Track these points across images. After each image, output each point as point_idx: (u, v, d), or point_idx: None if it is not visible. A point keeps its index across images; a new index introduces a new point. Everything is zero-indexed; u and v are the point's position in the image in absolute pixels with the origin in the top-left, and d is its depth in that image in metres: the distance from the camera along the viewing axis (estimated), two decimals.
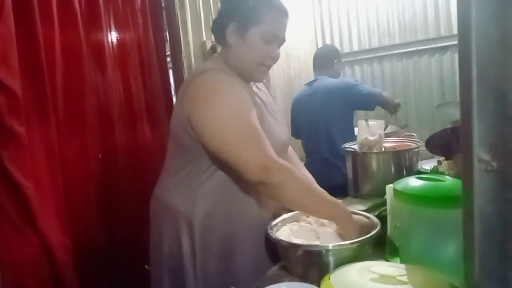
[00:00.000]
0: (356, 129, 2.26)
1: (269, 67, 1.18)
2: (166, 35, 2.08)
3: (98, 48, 1.67)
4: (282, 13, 1.14)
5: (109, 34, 1.72)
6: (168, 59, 2.13)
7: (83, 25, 1.58)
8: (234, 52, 1.14)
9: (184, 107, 1.09)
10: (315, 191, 1.06)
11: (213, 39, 1.25)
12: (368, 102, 2.30)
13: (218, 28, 1.16)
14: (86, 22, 1.60)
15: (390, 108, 2.32)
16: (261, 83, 1.32)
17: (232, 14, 1.13)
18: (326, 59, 2.53)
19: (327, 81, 2.40)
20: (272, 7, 1.12)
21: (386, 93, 2.35)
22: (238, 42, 1.12)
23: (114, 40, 1.76)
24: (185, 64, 2.12)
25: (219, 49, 1.27)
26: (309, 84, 2.50)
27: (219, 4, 1.38)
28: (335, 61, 2.53)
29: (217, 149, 1.05)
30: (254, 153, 1.01)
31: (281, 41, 1.16)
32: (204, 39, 2.22)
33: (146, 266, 1.61)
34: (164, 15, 2.06)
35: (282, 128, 1.24)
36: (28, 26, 1.35)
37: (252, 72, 1.15)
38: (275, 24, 1.12)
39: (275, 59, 1.17)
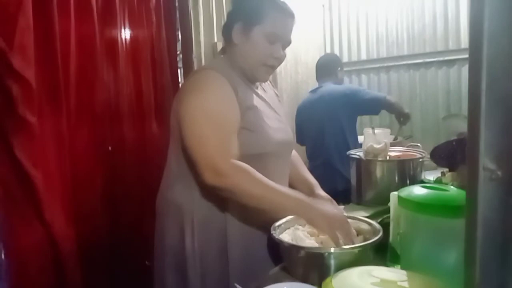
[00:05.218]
0: (360, 137, 2.27)
1: (273, 67, 1.19)
2: (178, 34, 2.11)
3: (112, 44, 1.70)
4: (287, 14, 1.15)
5: (123, 31, 1.75)
6: (179, 58, 2.15)
7: (99, 21, 1.61)
8: (239, 51, 1.16)
9: (176, 102, 1.15)
10: (273, 190, 1.03)
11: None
12: (373, 106, 2.29)
13: (226, 28, 1.19)
14: (102, 18, 1.63)
15: (397, 113, 2.27)
16: (268, 85, 1.33)
17: (237, 14, 1.16)
18: (329, 67, 2.54)
19: (331, 87, 2.42)
20: (276, 7, 1.14)
21: (390, 97, 2.33)
22: (242, 41, 1.14)
23: (128, 37, 1.78)
24: (195, 64, 2.14)
25: (218, 48, 1.29)
26: (313, 91, 2.51)
27: None
28: (338, 69, 2.54)
29: (185, 143, 1.08)
30: (208, 152, 1.02)
31: (286, 42, 1.17)
32: (216, 40, 2.24)
33: (146, 262, 1.63)
34: (178, 14, 2.09)
35: (284, 130, 1.24)
36: (46, 18, 1.38)
37: (256, 71, 1.16)
38: (278, 24, 1.13)
39: (279, 59, 1.17)
